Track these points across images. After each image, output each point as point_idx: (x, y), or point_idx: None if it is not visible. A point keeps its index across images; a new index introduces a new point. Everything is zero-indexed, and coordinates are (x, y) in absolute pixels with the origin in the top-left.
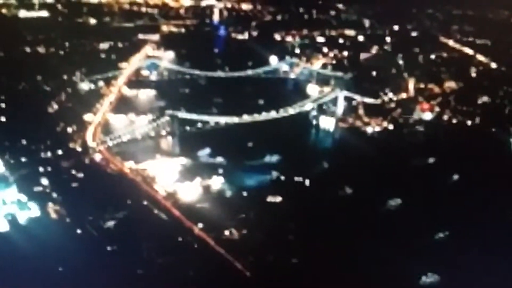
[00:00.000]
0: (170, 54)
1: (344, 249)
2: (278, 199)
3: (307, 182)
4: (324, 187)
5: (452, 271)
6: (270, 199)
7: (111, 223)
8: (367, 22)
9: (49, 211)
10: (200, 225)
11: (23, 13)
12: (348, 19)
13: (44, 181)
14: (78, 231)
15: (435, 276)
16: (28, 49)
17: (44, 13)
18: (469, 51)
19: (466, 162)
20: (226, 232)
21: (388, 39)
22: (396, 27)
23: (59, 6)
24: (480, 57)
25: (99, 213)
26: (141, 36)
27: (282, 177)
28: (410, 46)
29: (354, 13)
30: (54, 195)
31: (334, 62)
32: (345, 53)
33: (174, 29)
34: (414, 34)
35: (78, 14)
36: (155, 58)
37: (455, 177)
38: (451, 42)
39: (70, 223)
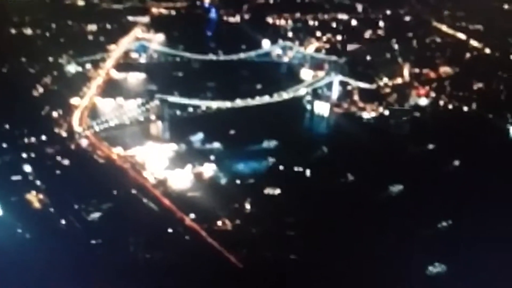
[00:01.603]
0: (160, 37)
1: (347, 242)
2: (277, 191)
3: (307, 172)
4: (325, 174)
5: (459, 261)
6: (268, 191)
7: (96, 214)
8: (359, 6)
9: (32, 200)
10: (192, 215)
11: None
12: (340, 2)
13: (27, 168)
14: (62, 222)
15: (442, 266)
16: (13, 31)
17: None
18: (462, 36)
19: (465, 148)
20: (219, 223)
21: (381, 23)
22: (388, 12)
23: None
24: (474, 43)
25: (84, 203)
26: (130, 18)
27: (281, 167)
28: (403, 30)
29: None
30: (38, 182)
31: (327, 46)
32: (339, 37)
33: (164, 11)
34: (407, 18)
35: None
36: (144, 41)
37: (456, 163)
38: (444, 27)
39: (54, 213)
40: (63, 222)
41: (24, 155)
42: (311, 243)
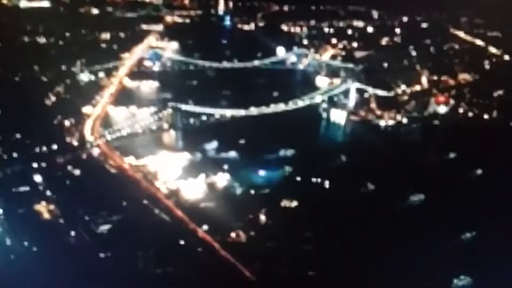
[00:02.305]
0: (174, 45)
1: (369, 257)
2: (294, 203)
3: (326, 183)
4: (344, 184)
5: (486, 273)
6: (285, 203)
7: (106, 226)
8: (375, 13)
9: (42, 210)
10: (205, 226)
11: (24, 3)
12: (356, 10)
13: (38, 178)
14: (71, 233)
15: (468, 278)
16: (26, 39)
17: (46, 3)
18: (480, 43)
19: (488, 156)
20: (232, 234)
21: (397, 30)
22: (405, 19)
23: None
24: (493, 49)
25: (95, 215)
26: (144, 26)
27: (298, 178)
28: (420, 37)
29: (362, 4)
30: (48, 193)
31: (343, 53)
32: (355, 44)
33: (178, 20)
34: (424, 25)
35: (80, 4)
36: (158, 49)
37: (478, 171)
38: (461, 34)
39: (63, 224)
40: (72, 234)
41: (35, 165)
42: (331, 258)
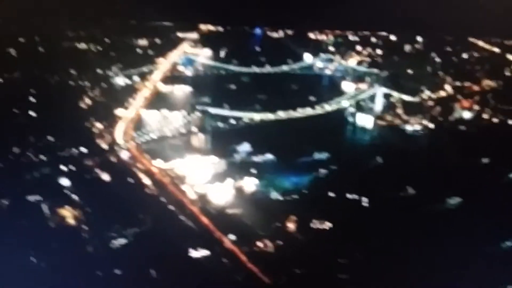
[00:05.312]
0: (208, 52)
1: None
2: (327, 225)
3: (364, 200)
4: (383, 188)
5: None
6: (315, 225)
7: (122, 240)
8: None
9: (66, 214)
10: (231, 234)
11: None
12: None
13: (65, 181)
14: (92, 241)
15: None
16: (67, 45)
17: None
18: (498, 51)
19: None
20: (259, 243)
21: (419, 38)
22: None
23: None
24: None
25: (119, 222)
26: (179, 34)
27: (331, 194)
28: (441, 45)
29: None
30: (74, 197)
31: (368, 59)
32: (379, 51)
33: (212, 28)
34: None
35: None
36: (192, 55)
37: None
38: (480, 43)
39: (86, 231)
40: (93, 242)
41: (63, 168)
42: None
